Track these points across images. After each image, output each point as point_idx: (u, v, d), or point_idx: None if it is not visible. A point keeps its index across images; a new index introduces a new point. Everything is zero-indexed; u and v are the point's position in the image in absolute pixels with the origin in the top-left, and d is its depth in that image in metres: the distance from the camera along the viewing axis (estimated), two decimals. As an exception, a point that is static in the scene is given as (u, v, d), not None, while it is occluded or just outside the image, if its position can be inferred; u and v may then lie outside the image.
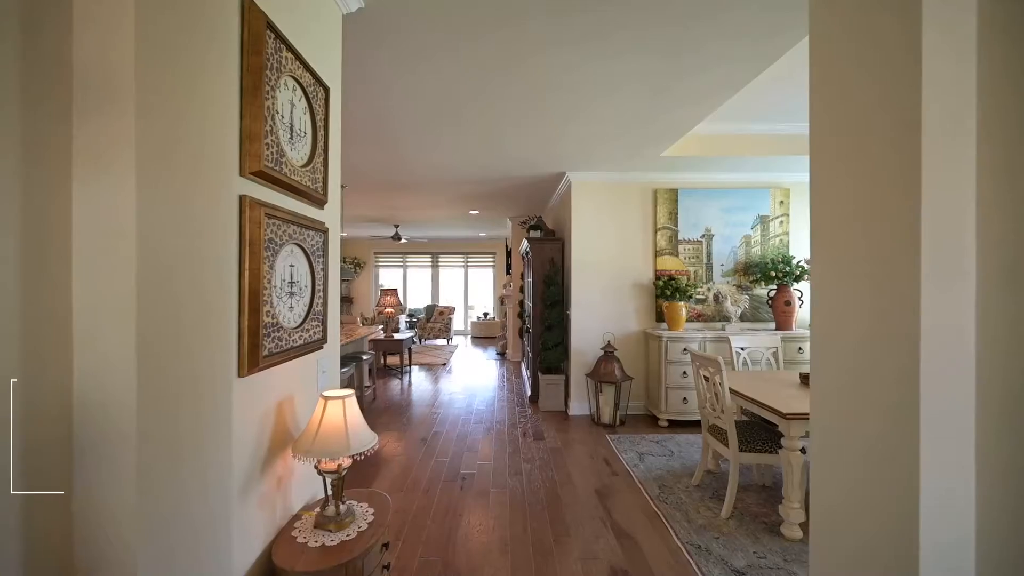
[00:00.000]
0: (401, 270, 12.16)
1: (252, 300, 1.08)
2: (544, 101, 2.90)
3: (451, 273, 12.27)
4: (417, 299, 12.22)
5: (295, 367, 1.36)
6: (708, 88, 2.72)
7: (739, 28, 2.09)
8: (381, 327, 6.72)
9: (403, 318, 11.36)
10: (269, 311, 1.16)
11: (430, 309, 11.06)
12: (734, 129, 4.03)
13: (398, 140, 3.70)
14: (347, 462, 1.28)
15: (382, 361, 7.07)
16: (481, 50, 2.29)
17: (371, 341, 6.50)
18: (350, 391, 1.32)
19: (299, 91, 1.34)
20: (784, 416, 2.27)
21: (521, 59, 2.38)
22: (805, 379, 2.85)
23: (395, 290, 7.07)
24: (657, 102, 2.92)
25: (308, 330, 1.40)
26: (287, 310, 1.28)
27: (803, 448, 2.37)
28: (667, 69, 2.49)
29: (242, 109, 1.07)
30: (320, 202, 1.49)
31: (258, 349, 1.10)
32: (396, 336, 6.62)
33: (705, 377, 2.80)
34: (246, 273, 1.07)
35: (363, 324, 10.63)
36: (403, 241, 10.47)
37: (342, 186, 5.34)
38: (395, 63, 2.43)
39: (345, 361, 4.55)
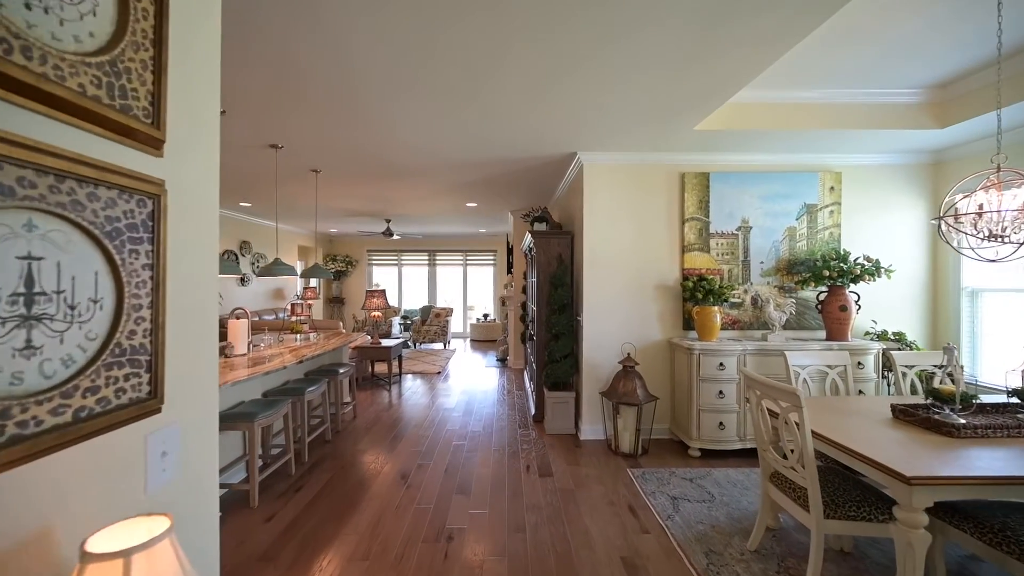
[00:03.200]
0: (396, 269, 11.45)
1: None
2: (553, 62, 2.19)
3: (449, 272, 11.55)
4: (413, 300, 11.51)
5: (53, 467, 0.66)
6: (759, 37, 2.02)
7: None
8: (367, 332, 6.02)
9: (397, 320, 10.68)
10: None
11: (426, 311, 10.35)
12: (778, 97, 3.32)
13: (384, 115, 3.00)
14: None
15: (369, 370, 6.36)
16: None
17: (355, 349, 5.80)
18: (163, 522, 0.62)
19: None
20: (908, 481, 1.56)
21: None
22: (902, 414, 2.12)
23: (383, 291, 6.34)
24: (693, 62, 2.22)
25: (96, 390, 0.69)
26: (8, 356, 0.58)
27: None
28: (707, 15, 1.80)
29: None
30: (150, 141, 0.79)
31: None
32: (384, 342, 5.91)
33: (772, 412, 2.09)
34: None
35: (355, 327, 9.95)
36: (396, 237, 9.79)
37: (315, 171, 4.61)
38: (383, 21, 1.74)
39: (315, 377, 3.85)
